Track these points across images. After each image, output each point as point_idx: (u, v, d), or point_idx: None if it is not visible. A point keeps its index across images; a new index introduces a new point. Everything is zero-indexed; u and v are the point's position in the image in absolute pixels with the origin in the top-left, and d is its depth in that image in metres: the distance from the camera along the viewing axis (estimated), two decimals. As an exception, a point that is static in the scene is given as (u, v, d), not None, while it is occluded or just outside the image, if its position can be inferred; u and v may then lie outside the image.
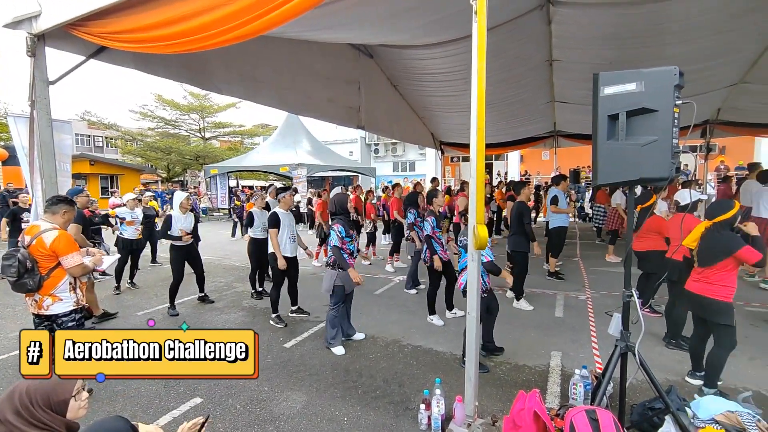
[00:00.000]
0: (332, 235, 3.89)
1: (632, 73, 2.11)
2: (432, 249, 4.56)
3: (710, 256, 3.00)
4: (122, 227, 6.40)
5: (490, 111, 9.71)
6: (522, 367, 3.61)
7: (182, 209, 5.23)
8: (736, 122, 9.15)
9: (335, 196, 4.05)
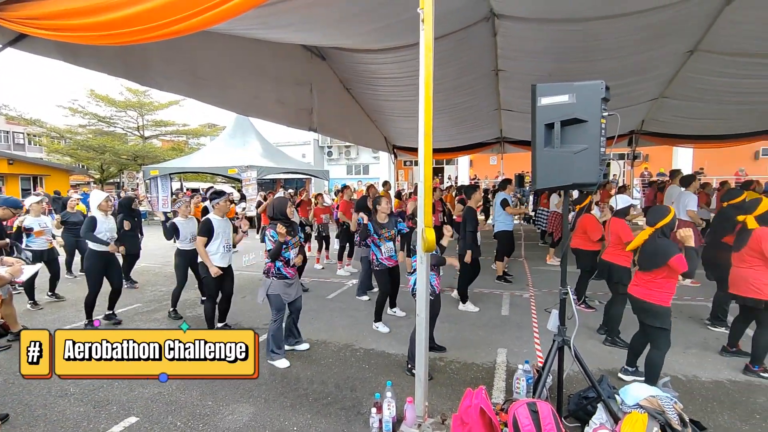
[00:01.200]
0: (266, 240, 3.72)
1: (565, 85, 2.26)
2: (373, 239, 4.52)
3: (649, 262, 3.08)
4: (29, 239, 5.51)
5: (442, 116, 10.05)
6: (470, 365, 3.73)
7: (101, 210, 4.79)
8: (658, 133, 10.15)
9: (275, 200, 3.89)
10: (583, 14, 5.42)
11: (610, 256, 4.22)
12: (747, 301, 3.45)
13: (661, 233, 3.06)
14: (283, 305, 3.79)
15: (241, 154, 14.99)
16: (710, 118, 9.04)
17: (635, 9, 5.35)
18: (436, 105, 9.78)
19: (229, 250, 4.47)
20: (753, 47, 6.45)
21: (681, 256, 2.90)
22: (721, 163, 16.02)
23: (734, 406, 2.99)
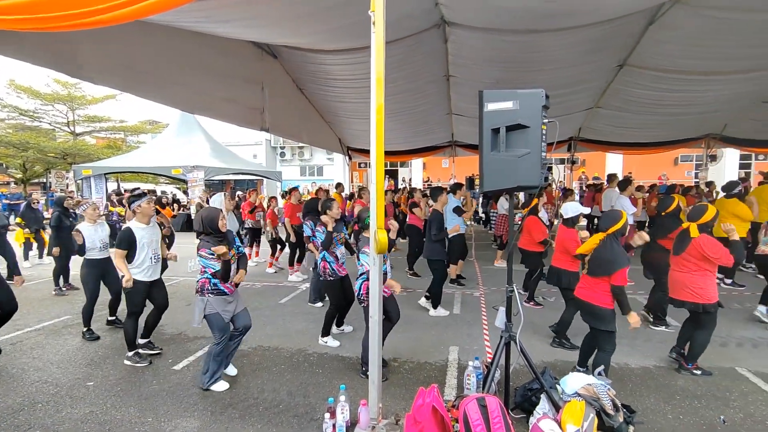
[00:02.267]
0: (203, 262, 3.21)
1: (509, 92, 2.38)
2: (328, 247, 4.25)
3: (599, 269, 3.11)
4: None
5: (396, 119, 10.15)
6: (423, 364, 3.79)
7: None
8: (593, 140, 10.99)
9: (204, 212, 3.29)
10: (526, 26, 5.73)
11: (558, 262, 4.30)
12: (686, 305, 3.50)
13: (614, 238, 3.11)
14: (226, 324, 3.28)
15: (186, 153, 14.18)
16: (637, 128, 9.92)
17: (570, 25, 5.74)
18: (390, 108, 9.91)
19: (158, 260, 3.96)
20: (671, 64, 7.17)
21: (624, 270, 3.00)
22: (647, 168, 17.68)
23: (659, 390, 3.29)
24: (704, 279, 3.41)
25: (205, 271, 3.21)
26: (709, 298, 3.39)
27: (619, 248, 3.07)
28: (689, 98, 8.13)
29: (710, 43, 6.40)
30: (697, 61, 6.91)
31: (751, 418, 2.86)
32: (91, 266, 4.54)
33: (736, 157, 17.59)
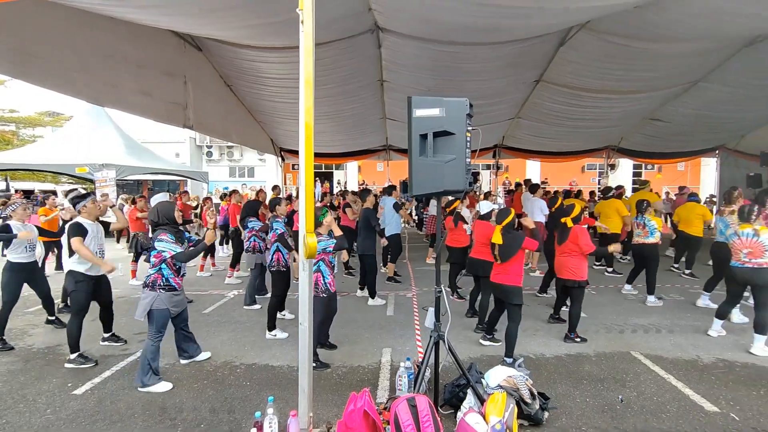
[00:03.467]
0: (165, 246, 3.37)
1: (436, 100, 2.46)
2: (287, 246, 4.54)
3: (508, 253, 3.75)
4: None
5: (329, 122, 10.04)
6: (356, 368, 3.78)
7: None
8: (515, 147, 11.86)
9: (159, 205, 3.55)
10: (453, 38, 6.01)
11: (478, 254, 4.77)
12: (566, 282, 4.37)
13: (508, 228, 3.81)
14: (166, 322, 3.45)
15: (94, 149, 12.65)
16: (551, 138, 10.92)
17: (493, 40, 6.15)
18: (323, 110, 9.81)
19: (103, 256, 4.09)
20: (578, 82, 8.00)
21: (528, 238, 3.73)
22: (560, 175, 19.56)
23: (569, 376, 3.61)
24: (579, 261, 4.27)
25: (161, 265, 3.34)
26: (582, 276, 4.26)
27: (515, 232, 3.84)
28: (593, 113, 9.14)
29: (609, 65, 7.26)
30: (599, 81, 7.80)
31: (643, 396, 3.27)
32: (16, 270, 4.26)
33: (630, 167, 20.15)
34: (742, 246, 4.13)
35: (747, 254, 4.09)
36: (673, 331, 4.59)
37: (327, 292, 3.82)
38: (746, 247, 4.09)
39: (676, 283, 6.70)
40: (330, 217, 3.84)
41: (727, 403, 3.14)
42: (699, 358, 3.91)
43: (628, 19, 5.78)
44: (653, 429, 2.82)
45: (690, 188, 9.77)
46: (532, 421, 2.84)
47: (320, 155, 12.62)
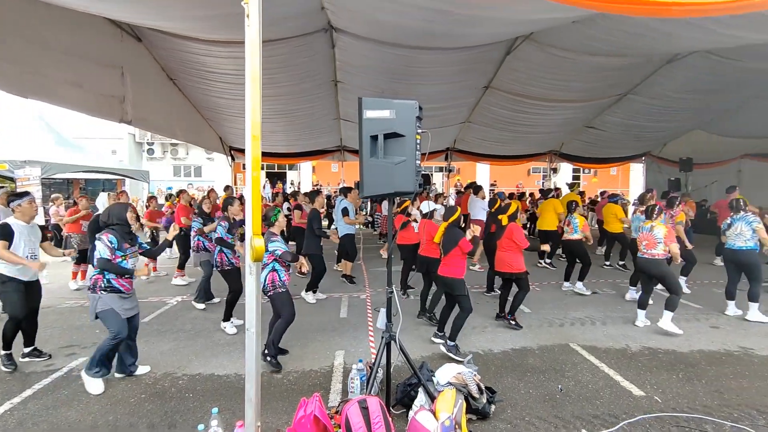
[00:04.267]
0: (99, 247, 3.26)
1: (386, 101, 2.48)
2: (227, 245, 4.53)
3: (448, 246, 4.05)
4: None
5: (283, 121, 9.80)
6: (308, 372, 3.70)
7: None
8: (465, 151, 12.26)
9: (112, 206, 3.50)
10: (406, 42, 6.10)
11: (425, 252, 4.96)
12: (504, 275, 4.79)
13: (453, 225, 4.09)
14: (123, 321, 3.33)
15: (15, 144, 11.40)
16: (499, 142, 11.42)
17: (445, 46, 6.31)
18: (276, 108, 9.56)
19: (36, 259, 3.85)
20: (523, 90, 8.43)
21: (465, 239, 3.97)
22: (508, 178, 20.53)
23: (515, 369, 3.79)
24: (515, 255, 4.68)
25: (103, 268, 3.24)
26: (519, 269, 4.67)
27: (456, 230, 4.08)
28: (536, 120, 9.67)
29: (550, 75, 7.73)
30: (542, 90, 8.27)
31: (580, 384, 3.50)
32: None
33: (570, 170, 21.58)
34: (642, 239, 4.72)
35: (645, 245, 4.67)
36: (605, 323, 4.96)
37: (285, 287, 3.86)
38: (645, 239, 4.67)
39: (608, 278, 7.25)
40: (282, 218, 3.78)
41: (651, 387, 3.44)
42: (628, 347, 4.26)
43: (567, 33, 6.19)
44: (588, 415, 3.03)
45: (609, 191, 10.69)
46: (480, 415, 2.94)
47: (273, 155, 12.28)
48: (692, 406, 3.14)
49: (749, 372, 3.70)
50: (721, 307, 5.40)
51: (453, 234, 4.05)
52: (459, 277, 4.05)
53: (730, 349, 4.21)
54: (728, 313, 5.24)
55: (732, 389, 3.39)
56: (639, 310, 4.88)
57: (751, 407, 3.12)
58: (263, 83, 8.02)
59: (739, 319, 5.08)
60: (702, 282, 6.83)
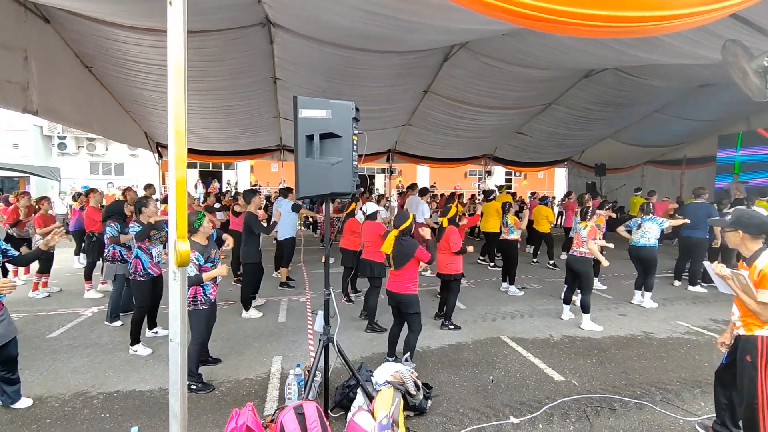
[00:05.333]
0: None
1: (322, 101, 2.45)
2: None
3: (401, 260, 3.61)
4: None
5: (218, 117, 9.31)
6: (243, 381, 3.54)
7: None
8: (407, 153, 12.52)
9: None
10: (346, 43, 6.09)
11: (368, 255, 4.91)
12: (443, 276, 4.84)
13: (404, 234, 3.65)
14: None
15: None
16: (437, 145, 11.82)
17: (385, 49, 6.41)
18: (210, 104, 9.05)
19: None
20: (459, 96, 8.80)
21: (422, 248, 3.64)
22: (446, 180, 21.33)
23: (451, 364, 3.94)
24: (453, 257, 4.75)
25: None
26: (457, 270, 4.76)
27: (409, 239, 3.68)
28: (472, 125, 10.16)
29: (484, 83, 8.16)
30: (476, 96, 8.71)
31: (509, 374, 3.72)
32: None
33: (503, 173, 22.98)
34: (576, 237, 5.11)
35: (576, 244, 5.07)
36: (532, 316, 5.35)
37: (208, 303, 3.46)
38: (576, 239, 5.07)
39: (535, 275, 7.83)
40: (208, 223, 3.48)
41: (570, 372, 3.77)
42: (551, 337, 4.62)
43: (498, 45, 6.58)
44: (515, 402, 3.23)
45: (539, 193, 11.60)
46: (417, 411, 3.01)
47: (207, 153, 11.61)
48: (603, 387, 3.48)
49: (649, 353, 4.20)
50: (628, 296, 6.07)
51: (407, 245, 3.59)
52: (413, 293, 3.66)
53: (634, 333, 4.74)
54: (634, 301, 5.90)
55: (636, 370, 3.83)
56: (564, 305, 5.28)
57: (651, 384, 3.54)
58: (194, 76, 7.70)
59: (643, 307, 5.74)
60: (613, 275, 7.61)
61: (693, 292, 6.57)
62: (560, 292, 6.15)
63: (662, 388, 3.48)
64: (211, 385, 3.41)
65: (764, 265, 2.35)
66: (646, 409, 3.15)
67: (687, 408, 3.16)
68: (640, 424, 2.96)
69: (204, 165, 19.88)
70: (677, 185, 13.11)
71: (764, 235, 2.48)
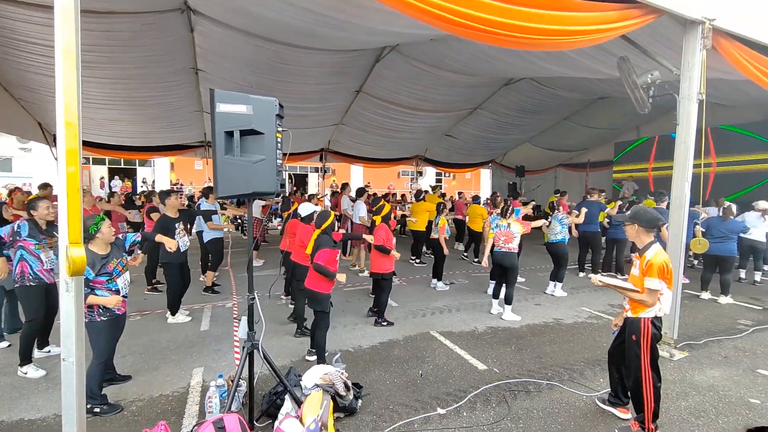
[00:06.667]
0: None
1: (242, 96, 2.33)
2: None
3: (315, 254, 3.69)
4: None
5: (129, 109, 8.47)
6: (158, 398, 3.24)
7: None
8: (340, 152, 12.45)
9: None
10: (272, 36, 5.89)
11: (296, 257, 4.80)
12: (375, 275, 4.97)
13: (325, 232, 3.80)
14: None
15: None
16: (370, 145, 11.93)
17: (316, 46, 6.30)
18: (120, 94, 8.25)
19: None
20: (390, 97, 8.96)
21: (324, 251, 3.67)
22: (380, 179, 21.65)
23: (382, 362, 3.98)
24: (383, 256, 4.87)
25: None
26: (387, 270, 4.89)
27: (326, 236, 3.77)
28: (403, 126, 10.41)
29: (415, 86, 8.40)
30: (408, 98, 8.93)
31: (437, 367, 3.87)
32: None
33: (434, 174, 23.90)
34: (501, 235, 5.41)
35: (504, 241, 5.38)
36: (459, 310, 5.62)
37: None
38: (504, 235, 5.38)
39: (463, 270, 8.24)
40: (107, 228, 3.09)
41: (492, 360, 4.02)
42: (476, 329, 4.89)
43: (427, 50, 6.81)
44: (442, 393, 3.37)
45: (465, 193, 12.27)
46: (347, 412, 2.99)
47: (117, 148, 10.49)
48: (520, 372, 3.77)
49: (559, 338, 4.63)
50: (543, 287, 6.64)
51: (321, 242, 3.73)
52: (325, 291, 3.74)
53: (547, 321, 5.20)
54: (547, 291, 6.48)
55: (548, 354, 4.20)
56: (493, 300, 5.59)
57: (560, 366, 3.91)
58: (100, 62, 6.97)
59: (555, 296, 6.32)
60: (531, 267, 8.29)
61: (595, 280, 7.39)
62: (485, 287, 6.56)
63: (569, 369, 3.85)
64: (119, 405, 3.07)
65: (651, 256, 2.71)
66: (556, 389, 3.47)
67: (589, 385, 3.54)
68: (551, 403, 3.24)
69: (115, 161, 17.94)
70: (584, 186, 14.67)
71: (655, 230, 2.85)
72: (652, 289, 2.65)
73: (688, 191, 4.05)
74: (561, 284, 6.40)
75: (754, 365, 3.95)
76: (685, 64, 4.04)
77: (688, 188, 4.04)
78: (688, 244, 4.82)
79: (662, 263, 2.65)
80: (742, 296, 6.32)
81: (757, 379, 3.69)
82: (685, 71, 4.03)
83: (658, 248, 2.74)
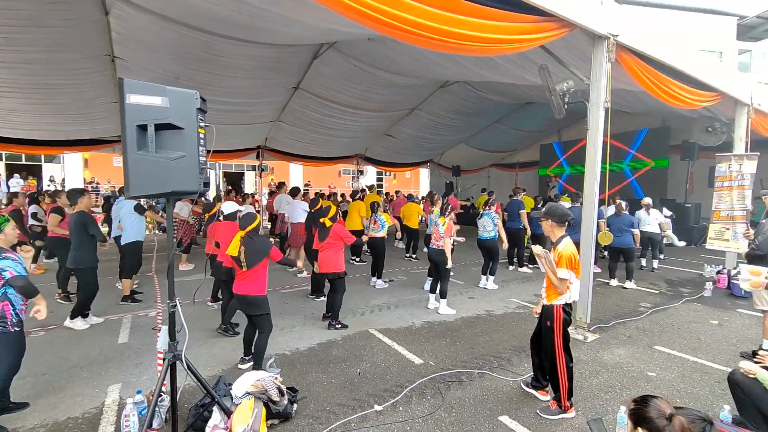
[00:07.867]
0: None
1: (156, 87, 2.15)
2: None
3: (254, 258, 3.49)
4: None
5: (30, 97, 7.51)
6: (64, 422, 2.90)
7: None
8: (278, 150, 12.07)
9: None
10: (201, 26, 5.55)
11: (221, 257, 4.58)
12: (328, 275, 4.77)
13: (251, 235, 3.55)
14: None
15: None
16: (309, 143, 11.72)
17: (248, 38, 6.03)
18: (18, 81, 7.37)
19: None
20: (329, 95, 8.87)
21: (276, 248, 3.64)
22: (320, 178, 21.36)
23: (320, 363, 3.92)
24: (337, 255, 4.78)
25: None
26: (341, 268, 4.79)
27: (261, 238, 3.69)
28: (342, 124, 10.36)
29: (354, 84, 8.38)
30: (345, 97, 8.89)
31: (375, 364, 3.90)
32: None
33: (374, 173, 24.09)
34: (434, 232, 5.61)
35: (434, 238, 5.59)
36: (398, 306, 5.72)
37: (19, 325, 2.84)
38: (435, 233, 5.59)
39: (401, 267, 8.40)
40: (11, 230, 2.79)
41: (428, 354, 4.14)
42: (413, 324, 5.01)
43: (366, 49, 6.82)
44: (380, 390, 3.40)
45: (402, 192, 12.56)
46: (282, 417, 2.90)
47: (15, 141, 9.23)
48: (454, 364, 3.92)
49: (490, 328, 4.90)
50: (476, 281, 6.98)
51: (261, 243, 3.57)
52: (262, 294, 3.60)
53: (479, 313, 5.48)
54: (480, 285, 6.82)
55: (479, 344, 4.42)
56: (430, 295, 5.75)
57: (490, 355, 4.13)
58: None
59: (487, 289, 6.68)
60: (464, 263, 8.67)
61: (522, 272, 7.94)
62: (422, 283, 6.75)
63: (498, 357, 4.09)
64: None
65: (562, 249, 2.96)
66: (486, 376, 3.67)
67: (515, 370, 3.79)
68: (482, 391, 3.42)
69: (15, 156, 15.77)
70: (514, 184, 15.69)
71: (566, 224, 3.11)
72: (562, 278, 2.90)
73: (597, 190, 4.49)
74: (493, 277, 6.77)
75: (651, 342, 4.49)
76: (594, 74, 4.47)
77: (597, 187, 4.48)
78: (596, 237, 5.35)
79: (570, 255, 2.91)
80: (643, 282, 7.15)
81: (654, 354, 4.19)
82: (594, 81, 4.46)
83: (568, 241, 3.00)
